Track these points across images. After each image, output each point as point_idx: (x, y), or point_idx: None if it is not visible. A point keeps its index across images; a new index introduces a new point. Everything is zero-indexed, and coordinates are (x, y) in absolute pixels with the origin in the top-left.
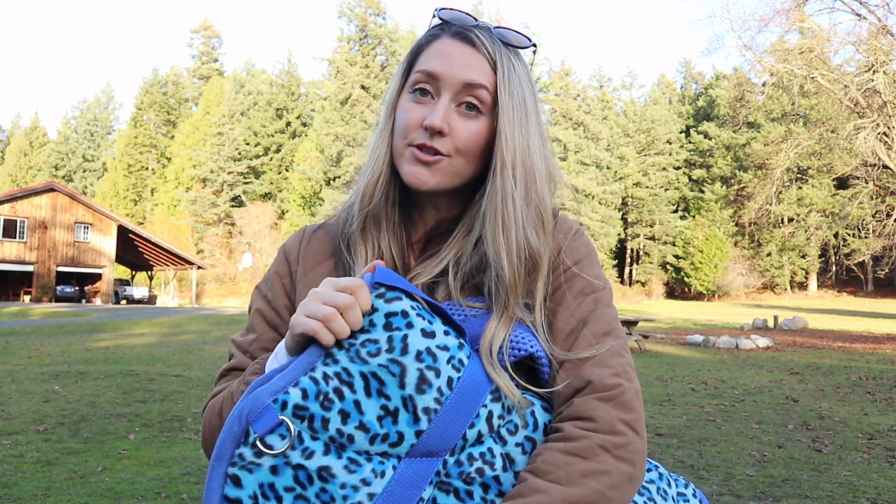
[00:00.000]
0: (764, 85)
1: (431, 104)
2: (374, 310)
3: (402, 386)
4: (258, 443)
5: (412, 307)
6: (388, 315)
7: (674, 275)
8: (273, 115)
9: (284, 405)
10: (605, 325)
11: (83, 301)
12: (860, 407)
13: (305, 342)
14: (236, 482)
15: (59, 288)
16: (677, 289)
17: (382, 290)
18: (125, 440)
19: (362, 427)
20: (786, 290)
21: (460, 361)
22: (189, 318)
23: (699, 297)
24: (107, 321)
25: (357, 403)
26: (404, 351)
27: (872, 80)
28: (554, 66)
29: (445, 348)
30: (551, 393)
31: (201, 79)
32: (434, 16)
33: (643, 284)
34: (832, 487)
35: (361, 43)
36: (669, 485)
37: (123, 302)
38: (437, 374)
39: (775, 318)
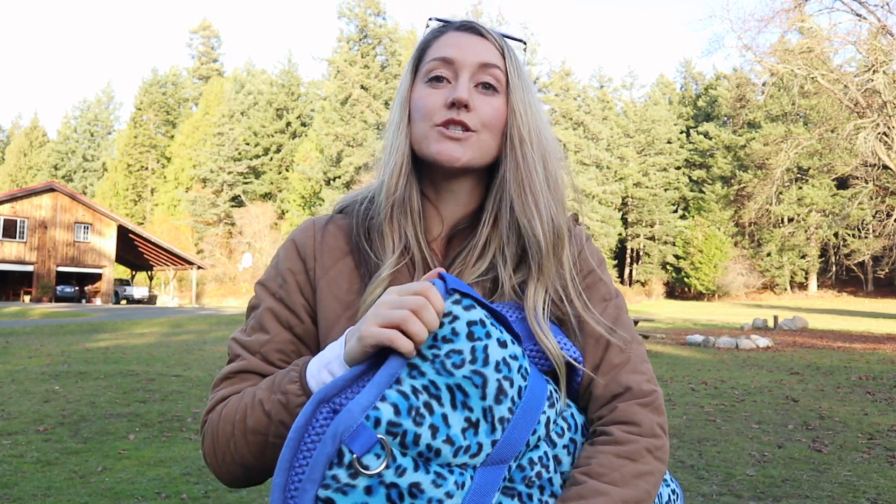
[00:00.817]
0: (764, 85)
1: (449, 87)
2: (454, 318)
3: (483, 397)
4: (356, 463)
5: (485, 316)
6: (470, 324)
7: (674, 275)
8: (273, 115)
9: (378, 422)
10: (630, 332)
11: (83, 301)
12: (860, 407)
13: (375, 353)
14: None
15: (59, 288)
16: (677, 289)
17: (458, 296)
18: (125, 440)
19: (449, 440)
20: (786, 290)
21: (526, 370)
22: (189, 318)
23: (699, 297)
24: (107, 321)
25: (445, 417)
26: (486, 362)
27: (872, 80)
28: (554, 66)
29: (515, 357)
30: (586, 394)
31: (201, 79)
32: (427, 25)
33: (643, 284)
34: (832, 487)
35: (361, 43)
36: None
37: (123, 302)
38: (511, 384)
39: (775, 318)
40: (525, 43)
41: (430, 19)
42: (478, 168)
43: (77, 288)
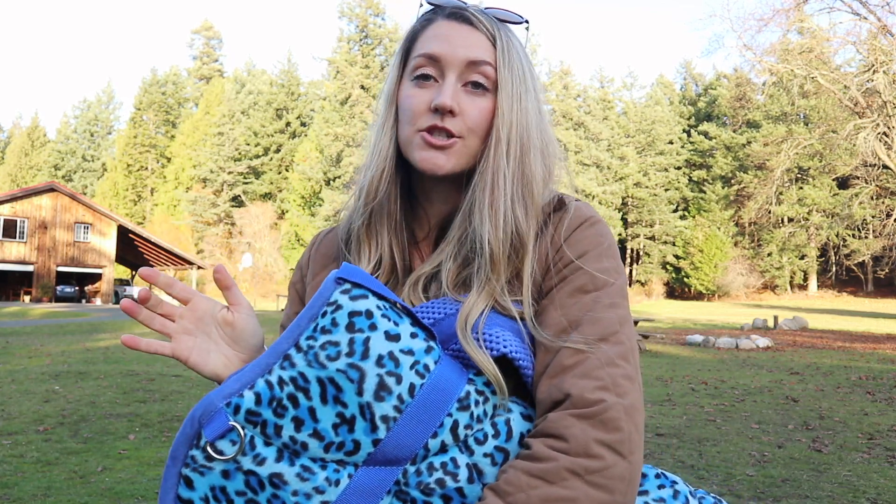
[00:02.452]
0: (764, 85)
1: (436, 87)
2: (337, 307)
3: (359, 393)
4: (208, 447)
5: (378, 307)
6: (352, 314)
7: (674, 275)
8: (273, 115)
9: (238, 409)
10: (602, 329)
11: (83, 301)
12: (860, 407)
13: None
14: (189, 484)
15: (59, 288)
16: (677, 289)
17: (347, 286)
18: (125, 440)
19: (317, 435)
20: (786, 290)
21: (426, 367)
22: None
23: (699, 297)
24: (107, 321)
25: (312, 410)
26: (365, 355)
27: (872, 80)
28: (554, 67)
29: (410, 352)
30: (532, 401)
31: (202, 79)
32: (421, 4)
33: (643, 284)
34: (832, 487)
35: (361, 43)
36: (688, 502)
37: None
38: (399, 381)
39: (775, 318)
40: (528, 22)
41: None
42: (465, 171)
43: (77, 288)
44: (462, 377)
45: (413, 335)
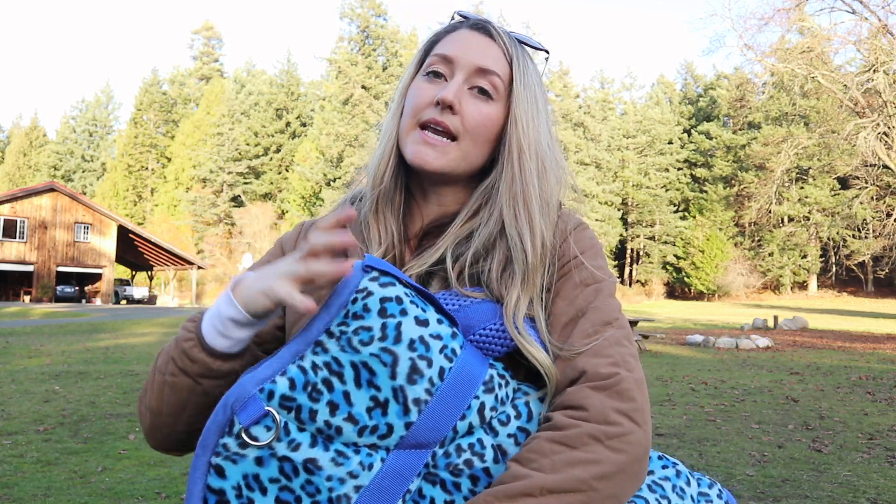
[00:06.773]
0: (764, 85)
1: (444, 84)
2: (367, 294)
3: (393, 376)
4: (243, 434)
5: (405, 293)
6: (383, 300)
7: (674, 275)
8: (273, 116)
9: (271, 395)
10: (605, 315)
11: (83, 301)
12: (860, 407)
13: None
14: (220, 472)
15: (59, 288)
16: (677, 289)
17: (375, 273)
18: (125, 440)
19: (351, 419)
20: (786, 290)
21: (453, 351)
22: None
23: (699, 297)
24: (107, 321)
25: (346, 395)
26: (397, 339)
27: (872, 80)
28: (554, 67)
29: (438, 337)
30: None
31: (202, 79)
32: (452, 18)
33: (643, 284)
34: (832, 487)
35: (363, 44)
36: (689, 483)
37: (123, 302)
38: (430, 364)
39: (775, 318)
40: (548, 52)
41: (455, 12)
42: (460, 175)
43: (77, 288)
44: (484, 362)
45: (439, 321)
